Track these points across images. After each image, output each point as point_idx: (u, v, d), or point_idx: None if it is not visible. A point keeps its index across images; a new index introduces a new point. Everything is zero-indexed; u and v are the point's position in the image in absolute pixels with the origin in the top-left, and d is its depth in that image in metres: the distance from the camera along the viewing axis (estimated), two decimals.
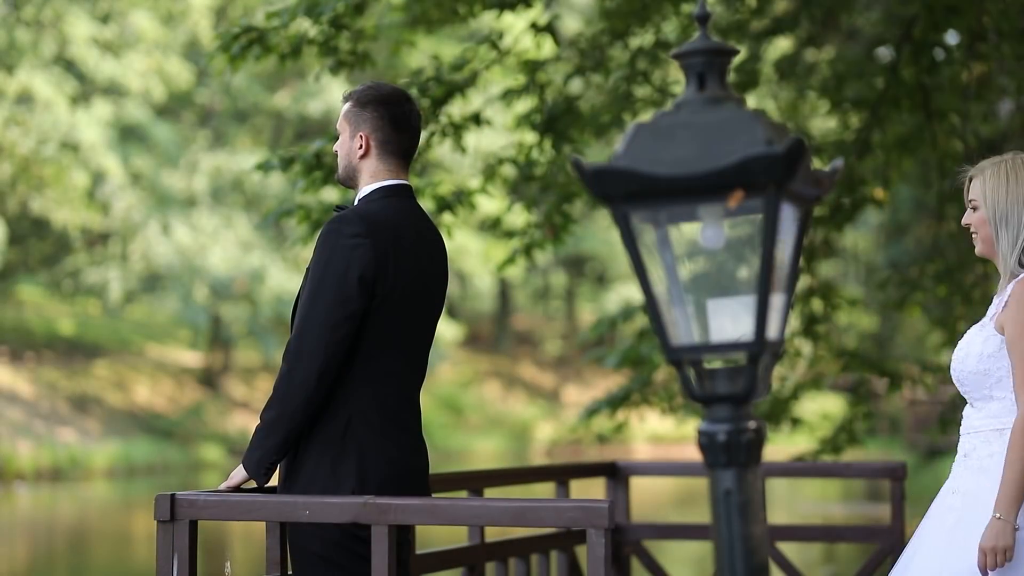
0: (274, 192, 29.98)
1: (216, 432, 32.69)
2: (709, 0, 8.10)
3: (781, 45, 12.65)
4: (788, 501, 21.89)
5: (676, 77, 9.73)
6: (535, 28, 8.54)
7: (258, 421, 4.08)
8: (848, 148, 9.30)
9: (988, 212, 4.04)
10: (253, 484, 4.13)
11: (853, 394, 11.07)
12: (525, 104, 8.90)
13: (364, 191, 4.21)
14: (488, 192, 8.90)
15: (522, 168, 8.76)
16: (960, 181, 4.18)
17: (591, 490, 6.67)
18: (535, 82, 8.57)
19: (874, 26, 11.36)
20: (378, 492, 4.00)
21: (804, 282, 10.46)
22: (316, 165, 7.97)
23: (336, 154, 4.30)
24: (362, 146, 4.20)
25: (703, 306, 2.32)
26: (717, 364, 2.34)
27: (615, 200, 2.28)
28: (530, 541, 5.47)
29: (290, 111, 35.51)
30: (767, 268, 2.25)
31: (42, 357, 32.87)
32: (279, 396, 4.03)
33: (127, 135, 33.05)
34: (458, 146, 8.40)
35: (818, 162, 9.04)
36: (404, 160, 4.24)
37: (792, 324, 10.39)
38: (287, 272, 32.34)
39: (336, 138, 4.34)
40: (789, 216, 2.32)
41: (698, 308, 2.32)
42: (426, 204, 8.28)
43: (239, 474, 4.11)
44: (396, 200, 4.19)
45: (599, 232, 36.98)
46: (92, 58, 31.53)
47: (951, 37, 9.52)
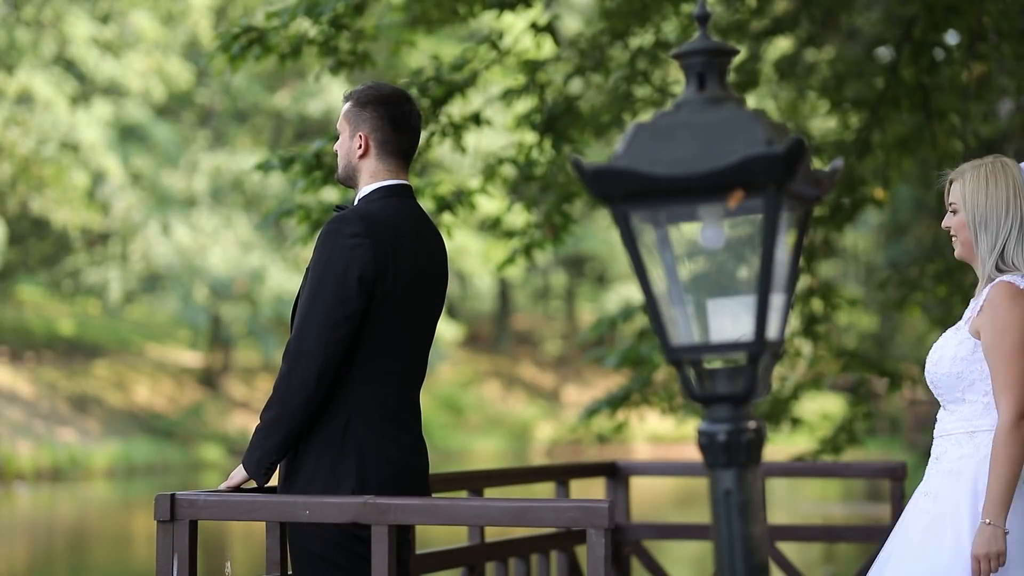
0: (274, 192, 29.97)
1: (216, 432, 32.68)
2: (709, 0, 8.09)
3: (781, 45, 12.65)
4: (788, 501, 21.88)
5: (676, 77, 9.73)
6: (535, 28, 8.54)
7: (258, 421, 4.08)
8: (848, 148, 9.30)
9: (968, 216, 4.02)
10: (253, 484, 4.13)
11: (853, 394, 11.07)
12: (525, 104, 8.90)
13: (364, 191, 4.21)
14: (488, 192, 8.90)
15: (522, 168, 8.76)
16: (941, 184, 4.17)
17: (591, 490, 6.67)
18: (535, 82, 8.57)
19: (874, 26, 11.35)
20: (378, 492, 4.00)
21: (804, 282, 10.46)
22: (316, 165, 7.97)
23: (336, 154, 4.30)
24: (361, 146, 4.20)
25: (703, 306, 2.32)
26: (717, 364, 2.34)
27: (615, 200, 2.28)
28: (530, 541, 5.47)
29: (290, 111, 35.50)
30: (767, 268, 2.25)
31: (42, 357, 32.86)
32: (279, 396, 4.03)
33: (127, 135, 33.04)
34: (458, 146, 8.40)
35: (818, 162, 9.04)
36: (404, 160, 4.24)
37: (792, 324, 10.39)
38: (287, 272, 32.32)
39: (336, 138, 4.34)
40: (789, 216, 2.32)
41: (698, 308, 2.32)
42: (426, 204, 8.28)
43: (239, 474, 4.11)
44: (396, 200, 4.19)
45: (599, 232, 36.95)
46: (92, 58, 31.52)
47: (951, 37, 9.52)
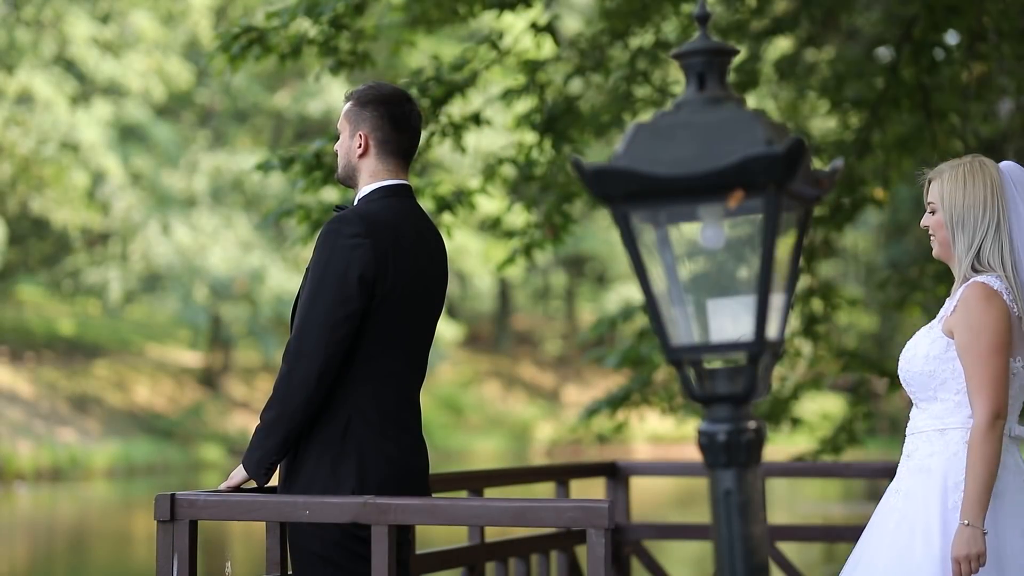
0: (274, 192, 29.95)
1: (216, 432, 32.67)
2: (709, 0, 8.09)
3: (781, 45, 12.64)
4: (788, 501, 21.88)
5: (676, 77, 9.73)
6: (535, 28, 8.53)
7: (258, 421, 4.08)
8: (848, 148, 9.30)
9: (945, 215, 4.01)
10: (253, 484, 4.13)
11: (853, 394, 11.07)
12: (525, 104, 8.90)
13: (364, 191, 4.21)
14: (488, 192, 8.90)
15: (522, 168, 8.75)
16: (920, 184, 4.17)
17: (591, 490, 6.67)
18: (535, 82, 8.57)
19: (874, 26, 11.34)
20: (378, 492, 4.00)
21: (804, 282, 10.46)
22: (316, 165, 7.97)
23: (336, 154, 4.30)
24: (361, 145, 4.20)
25: (703, 306, 2.32)
26: (717, 364, 2.34)
27: (615, 200, 2.28)
28: (530, 541, 5.47)
29: (290, 111, 35.48)
30: (767, 268, 2.25)
31: (42, 357, 32.85)
32: (279, 396, 4.03)
33: (127, 135, 33.03)
34: (458, 146, 8.40)
35: (818, 162, 9.04)
36: (404, 160, 4.24)
37: (792, 324, 10.39)
38: (287, 272, 32.31)
39: (337, 138, 4.34)
40: (789, 216, 2.32)
41: (698, 308, 2.32)
42: (426, 204, 8.28)
43: (239, 474, 4.11)
44: (396, 200, 4.19)
45: (599, 232, 36.93)
46: (92, 58, 31.51)
47: (951, 37, 9.52)
